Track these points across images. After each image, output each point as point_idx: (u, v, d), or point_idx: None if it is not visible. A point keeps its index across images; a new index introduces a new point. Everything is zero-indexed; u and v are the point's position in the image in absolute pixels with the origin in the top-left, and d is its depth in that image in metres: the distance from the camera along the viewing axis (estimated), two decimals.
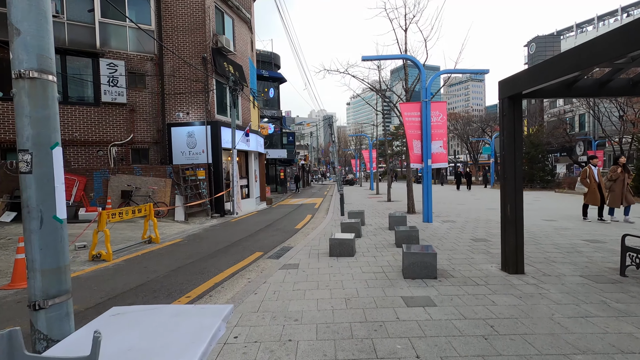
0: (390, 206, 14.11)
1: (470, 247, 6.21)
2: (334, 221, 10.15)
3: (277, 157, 25.85)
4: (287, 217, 12.38)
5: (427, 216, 9.26)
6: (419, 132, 9.30)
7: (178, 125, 12.79)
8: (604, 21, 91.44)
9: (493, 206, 13.07)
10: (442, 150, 9.25)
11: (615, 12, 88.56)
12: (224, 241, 8.01)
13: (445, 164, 9.33)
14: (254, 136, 15.64)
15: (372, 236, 7.55)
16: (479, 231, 7.81)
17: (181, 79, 12.78)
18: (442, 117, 9.25)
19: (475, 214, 10.83)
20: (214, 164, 12.74)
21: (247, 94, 15.93)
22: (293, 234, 8.83)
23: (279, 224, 10.62)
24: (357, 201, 17.13)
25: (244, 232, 9.19)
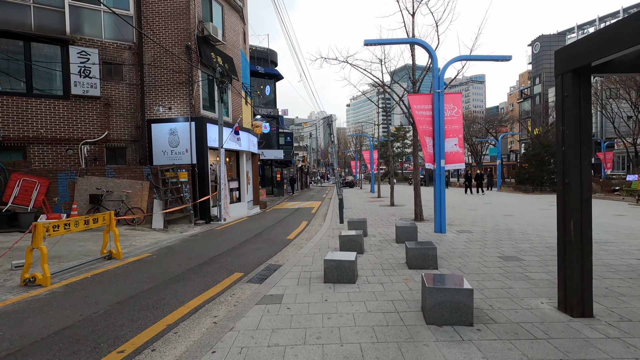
0: (394, 211, 12.83)
1: (503, 270, 4.92)
2: (332, 230, 8.87)
3: (273, 157, 24.58)
4: (280, 224, 11.09)
5: (439, 225, 7.98)
6: (430, 128, 8.03)
7: (159, 121, 11.52)
8: (605, 22, 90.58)
9: (509, 212, 11.80)
10: (458, 148, 7.99)
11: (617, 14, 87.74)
12: (200, 256, 6.71)
13: (461, 165, 8.07)
14: (245, 135, 14.37)
15: (377, 251, 6.27)
16: (505, 246, 6.52)
17: (163, 70, 11.51)
18: (457, 110, 7.99)
19: (491, 222, 9.56)
20: (198, 165, 11.45)
21: (238, 88, 14.66)
22: (284, 247, 7.54)
23: (270, 233, 9.33)
24: (357, 206, 15.85)
25: (227, 244, 7.90)
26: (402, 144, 55.74)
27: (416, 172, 10.31)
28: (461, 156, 8.03)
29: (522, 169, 23.76)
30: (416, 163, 10.27)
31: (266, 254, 6.84)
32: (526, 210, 12.52)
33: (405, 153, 58.00)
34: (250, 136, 15.28)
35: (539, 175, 22.67)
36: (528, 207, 13.43)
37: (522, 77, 61.58)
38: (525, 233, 7.78)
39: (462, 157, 8.04)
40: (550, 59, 46.25)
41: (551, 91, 42.88)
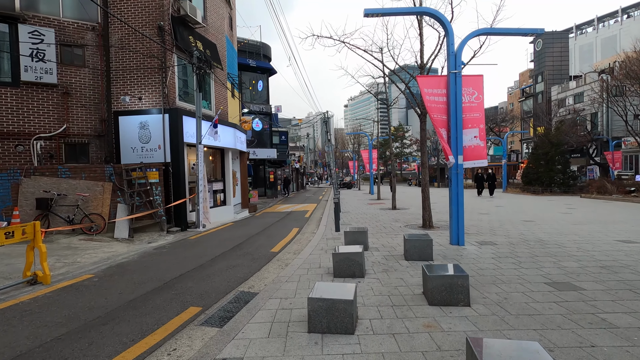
0: (396, 216, 11.38)
1: (563, 308, 3.47)
2: (326, 241, 7.40)
3: (265, 157, 23.08)
4: (267, 232, 9.61)
5: (456, 236, 6.53)
6: (445, 118, 6.59)
7: (128, 113, 10.01)
8: (604, 22, 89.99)
9: (527, 216, 10.37)
10: (479, 142, 6.55)
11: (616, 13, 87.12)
12: (154, 279, 5.22)
13: (483, 162, 6.62)
14: (231, 130, 12.88)
15: (382, 274, 4.80)
16: (546, 265, 5.07)
17: (132, 55, 10.01)
18: (478, 95, 6.55)
19: (513, 230, 8.12)
20: (173, 164, 9.95)
21: (223, 79, 13.18)
22: (265, 264, 6.06)
23: (252, 244, 7.85)
24: (355, 209, 14.39)
25: (195, 260, 6.41)
26: (401, 144, 54.45)
27: (424, 171, 8.87)
28: (483, 151, 6.59)
29: (530, 168, 22.41)
30: (424, 161, 8.83)
31: (240, 275, 5.35)
32: (546, 214, 11.10)
33: (404, 153, 56.69)
34: (238, 132, 13.79)
35: (548, 175, 21.32)
36: (546, 211, 12.02)
37: (522, 75, 60.44)
38: (562, 246, 6.34)
39: (484, 152, 6.60)
40: (553, 56, 45.12)
41: (554, 89, 41.67)
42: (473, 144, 6.53)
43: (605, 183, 18.51)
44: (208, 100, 12.36)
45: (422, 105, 8.48)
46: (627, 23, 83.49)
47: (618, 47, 77.70)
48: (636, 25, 77.34)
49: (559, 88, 40.92)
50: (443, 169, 36.79)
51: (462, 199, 6.49)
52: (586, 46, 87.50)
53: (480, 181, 19.71)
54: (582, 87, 37.59)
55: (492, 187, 19.25)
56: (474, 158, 6.59)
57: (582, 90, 37.34)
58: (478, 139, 6.55)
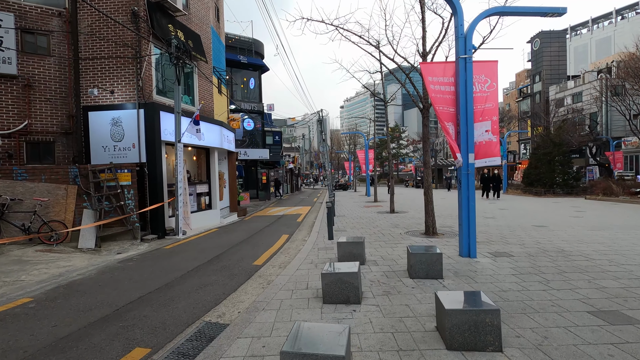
0: (395, 220, 10.50)
1: (626, 353, 2.58)
2: (317, 252, 6.48)
3: (257, 157, 22.12)
4: (253, 240, 8.67)
5: (466, 246, 5.64)
6: (452, 110, 5.71)
7: (99, 108, 9.03)
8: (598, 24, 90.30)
9: (537, 220, 9.51)
10: (491, 136, 5.68)
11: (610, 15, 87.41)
12: (105, 304, 4.28)
13: (496, 160, 5.75)
14: (216, 128, 11.93)
15: (383, 299, 3.89)
16: (580, 284, 4.20)
17: (104, 43, 9.04)
18: (491, 83, 5.68)
19: (527, 237, 7.26)
20: (149, 164, 8.99)
21: (208, 73, 12.23)
22: (243, 282, 5.14)
23: (233, 255, 6.91)
24: (351, 213, 13.49)
25: (163, 276, 5.47)
26: (398, 145, 53.76)
27: (427, 171, 7.99)
28: (496, 147, 5.72)
29: (532, 169, 21.67)
30: (427, 160, 7.96)
31: (211, 298, 4.42)
32: (556, 218, 10.28)
33: (400, 154, 55.99)
34: (225, 131, 12.85)
35: (550, 176, 20.59)
36: (555, 215, 11.20)
37: (519, 76, 60.08)
38: (589, 258, 5.48)
39: (497, 149, 5.73)
40: (551, 55, 44.67)
41: (552, 89, 41.17)
42: (485, 139, 5.66)
43: (611, 184, 17.79)
44: (191, 96, 11.41)
45: (424, 99, 7.62)
46: (621, 24, 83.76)
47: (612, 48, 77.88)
48: (630, 26, 77.55)
49: (557, 88, 40.43)
50: (441, 170, 36.02)
51: (473, 204, 5.61)
52: (581, 47, 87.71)
53: (487, 182, 18.45)
54: (581, 86, 37.12)
55: (498, 188, 18.26)
56: (485, 155, 5.72)
57: (580, 89, 36.86)
58: (490, 134, 5.68)
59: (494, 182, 17.92)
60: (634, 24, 77.73)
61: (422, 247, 4.84)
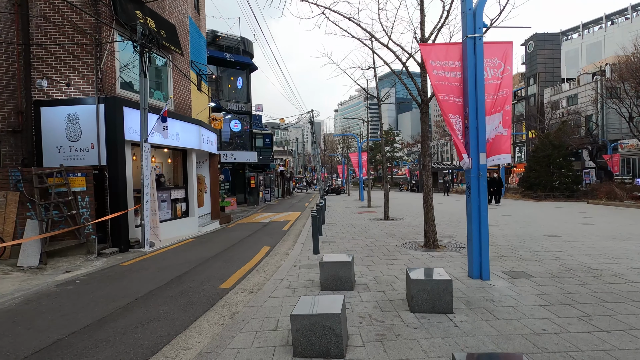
0: (391, 229, 9.49)
1: None
2: (298, 270, 5.43)
3: (245, 161, 21.01)
4: (229, 253, 7.59)
5: (477, 266, 4.64)
6: (459, 101, 4.74)
7: (52, 104, 7.91)
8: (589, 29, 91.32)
9: (547, 229, 8.56)
10: (502, 130, 4.71)
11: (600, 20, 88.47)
12: (6, 352, 3.17)
13: (506, 157, 4.75)
14: (194, 128, 10.84)
15: (376, 349, 2.85)
16: (632, 321, 3.20)
17: (59, 29, 7.94)
18: (505, 68, 4.72)
19: (540, 249, 6.29)
20: (110, 167, 7.87)
21: (185, 68, 11.16)
22: (201, 314, 4.06)
23: (200, 273, 5.83)
24: (342, 219, 12.46)
25: (103, 306, 4.37)
26: (392, 148, 53.03)
27: (426, 175, 6.99)
28: (506, 142, 4.75)
29: (531, 172, 20.90)
30: (426, 162, 6.97)
31: (149, 343, 3.34)
32: (566, 226, 9.37)
33: (394, 157, 55.25)
34: (205, 131, 11.76)
35: (550, 179, 19.84)
36: (563, 222, 10.30)
37: (513, 79, 59.97)
38: (626, 279, 4.51)
39: (507, 144, 4.75)
40: (545, 58, 44.42)
41: (547, 91, 40.82)
42: (496, 133, 4.69)
43: (614, 188, 17.04)
44: (164, 92, 10.33)
45: (423, 91, 6.65)
46: (611, 29, 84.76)
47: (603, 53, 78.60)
48: (620, 31, 78.44)
49: (551, 90, 40.07)
50: (436, 173, 35.22)
51: (485, 214, 4.62)
52: (572, 52, 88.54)
53: (490, 186, 16.59)
54: (576, 89, 36.76)
55: (498, 193, 17.02)
56: (495, 152, 4.74)
57: (575, 92, 36.49)
58: (502, 127, 4.70)
59: (493, 186, 16.73)
60: (623, 29, 78.63)
61: (425, 270, 3.83)
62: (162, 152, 11.29)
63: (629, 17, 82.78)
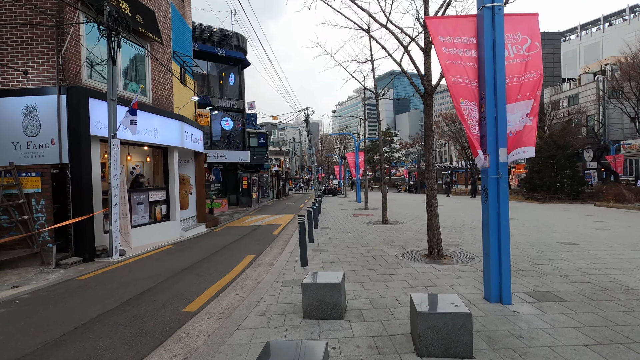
0: (389, 235, 8.63)
1: None
2: (279, 289, 4.56)
3: (237, 160, 20.09)
4: (206, 263, 6.70)
5: (496, 287, 3.79)
6: (474, 85, 3.89)
7: (7, 94, 7.01)
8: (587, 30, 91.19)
9: (561, 235, 7.72)
10: (528, 120, 3.86)
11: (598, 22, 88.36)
12: None
13: (530, 150, 3.89)
14: (176, 124, 9.95)
15: None
16: None
17: (14, 9, 7.04)
18: (532, 44, 3.87)
19: (561, 260, 5.45)
20: (73, 165, 6.97)
21: (166, 59, 10.26)
22: (151, 350, 3.19)
23: (163, 292, 4.94)
24: (337, 223, 11.59)
25: (28, 340, 3.49)
26: (390, 148, 52.28)
27: (430, 175, 6.14)
28: (531, 132, 3.89)
29: (534, 173, 20.13)
30: (430, 161, 6.13)
31: None
32: (580, 231, 8.54)
33: (393, 158, 54.49)
34: (188, 127, 10.87)
35: (554, 180, 19.08)
36: (575, 226, 9.48)
37: None
38: None
39: (532, 135, 3.89)
40: (545, 56, 43.79)
41: (547, 91, 40.17)
42: (522, 125, 3.84)
43: (622, 190, 16.28)
44: (142, 83, 9.43)
45: (426, 79, 5.81)
46: (609, 31, 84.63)
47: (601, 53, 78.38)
48: (618, 32, 78.27)
49: (552, 90, 39.45)
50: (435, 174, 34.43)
51: (506, 223, 3.77)
52: (570, 53, 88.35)
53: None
54: (577, 88, 36.14)
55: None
56: (518, 145, 3.90)
57: (576, 92, 35.87)
58: (529, 118, 3.85)
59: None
60: (621, 30, 78.49)
61: (434, 298, 2.97)
62: (141, 150, 10.41)
63: (626, 18, 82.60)
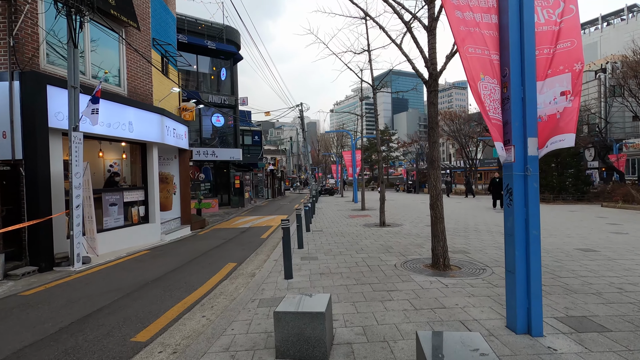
0: (388, 239, 7.83)
1: None
2: (255, 311, 3.75)
3: (228, 159, 19.24)
4: (180, 273, 5.88)
5: (523, 311, 2.98)
6: (495, 58, 3.07)
7: None
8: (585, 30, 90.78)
9: (575, 240, 6.93)
10: (565, 102, 3.06)
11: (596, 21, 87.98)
12: None
13: (568, 138, 3.07)
14: (155, 118, 9.11)
15: None
16: None
17: None
18: (567, 7, 3.07)
19: (587, 272, 4.67)
20: (27, 162, 6.13)
21: (143, 46, 9.41)
22: None
23: (117, 313, 4.12)
24: (331, 225, 10.78)
25: None
26: (388, 147, 51.55)
27: (434, 173, 5.33)
28: (571, 115, 3.07)
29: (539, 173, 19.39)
30: (435, 157, 5.32)
31: None
32: (596, 236, 7.78)
33: (391, 157, 53.76)
34: (169, 122, 10.03)
35: (559, 180, 18.37)
36: (588, 230, 8.73)
37: None
38: None
39: (573, 119, 3.07)
40: None
41: None
42: (557, 107, 3.05)
43: (630, 190, 15.59)
44: (116, 73, 8.58)
45: (431, 62, 5.01)
46: (607, 30, 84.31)
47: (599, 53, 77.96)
48: (616, 32, 77.96)
49: None
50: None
51: (537, 232, 2.97)
52: None
53: (498, 189, 14.30)
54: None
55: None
56: (553, 133, 3.10)
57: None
58: (565, 98, 3.06)
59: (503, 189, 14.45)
60: (619, 30, 78.15)
61: (450, 339, 2.17)
62: (118, 146, 9.58)
63: (624, 18, 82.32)
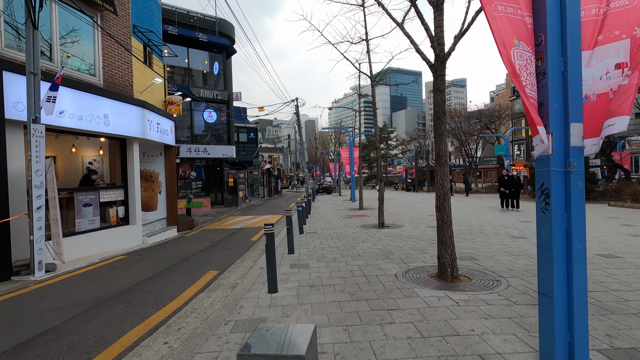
0: (387, 243, 7.17)
1: None
2: (225, 339, 3.07)
3: (221, 156, 18.52)
4: (152, 284, 5.20)
5: (562, 345, 2.32)
6: (529, 21, 2.40)
7: None
8: None
9: (593, 244, 6.28)
10: (619, 77, 2.38)
11: None
12: None
13: (621, 121, 2.39)
14: (135, 111, 8.39)
15: None
16: None
17: None
18: None
19: (616, 284, 4.02)
20: None
21: (123, 33, 8.68)
22: None
23: (63, 338, 3.44)
24: (327, 227, 10.12)
25: None
26: (387, 145, 50.90)
27: (441, 170, 4.67)
28: (630, 94, 2.38)
29: None
30: (443, 151, 4.65)
31: None
32: (613, 238, 7.14)
33: (389, 155, 53.14)
34: (152, 115, 9.32)
35: None
36: (602, 230, 8.09)
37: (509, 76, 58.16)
38: None
39: (630, 98, 2.38)
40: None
41: None
42: (611, 84, 2.38)
43: (639, 188, 15.01)
44: (91, 62, 7.86)
45: (437, 42, 4.33)
46: None
47: None
48: None
49: None
50: (433, 171, 33.10)
51: (583, 243, 2.30)
52: None
53: (508, 187, 13.27)
54: None
55: (517, 195, 13.44)
56: (605, 117, 2.44)
57: None
58: (620, 72, 2.39)
59: (512, 187, 13.22)
60: None
61: None
62: (97, 141, 8.89)
63: None
